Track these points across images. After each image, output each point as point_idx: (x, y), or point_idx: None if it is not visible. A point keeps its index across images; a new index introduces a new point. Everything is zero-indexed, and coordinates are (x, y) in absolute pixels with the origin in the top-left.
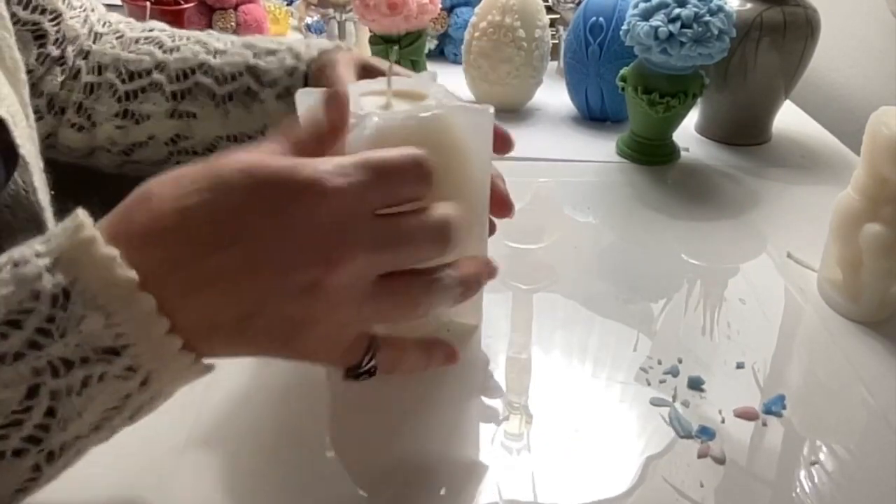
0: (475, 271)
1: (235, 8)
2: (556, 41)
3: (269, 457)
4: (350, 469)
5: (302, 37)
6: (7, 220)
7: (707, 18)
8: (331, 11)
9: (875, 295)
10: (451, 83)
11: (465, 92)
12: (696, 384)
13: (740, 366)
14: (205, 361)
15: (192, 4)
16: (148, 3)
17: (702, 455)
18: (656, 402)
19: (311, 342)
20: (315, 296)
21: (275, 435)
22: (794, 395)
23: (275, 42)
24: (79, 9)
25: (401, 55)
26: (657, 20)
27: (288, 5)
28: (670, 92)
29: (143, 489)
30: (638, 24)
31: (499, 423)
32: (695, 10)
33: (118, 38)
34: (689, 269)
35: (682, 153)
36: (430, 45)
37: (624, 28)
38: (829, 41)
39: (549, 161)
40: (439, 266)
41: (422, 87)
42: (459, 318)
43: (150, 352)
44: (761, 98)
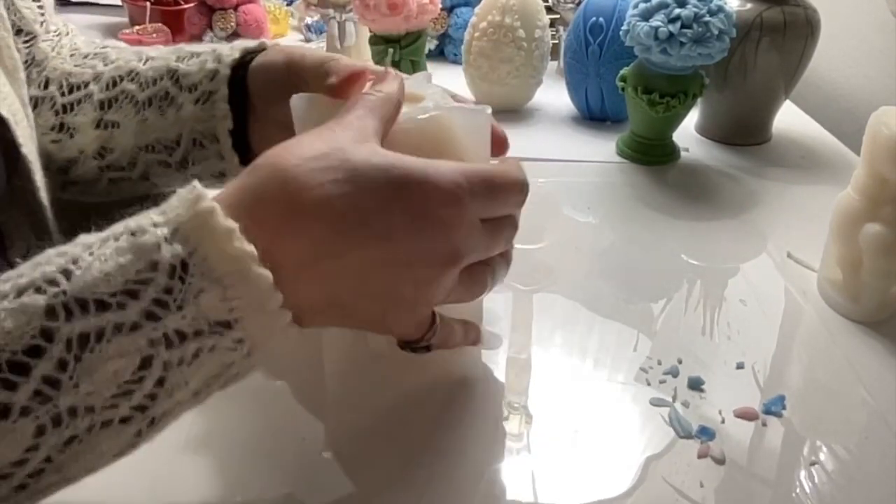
0: (509, 260)
1: (235, 8)
2: (556, 41)
3: (268, 456)
4: (349, 469)
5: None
6: (6, 219)
7: (707, 18)
8: (331, 11)
9: (875, 295)
10: (451, 83)
11: (465, 92)
12: (696, 384)
13: (740, 366)
14: (299, 336)
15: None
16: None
17: (702, 455)
18: (656, 403)
19: (401, 321)
20: (425, 287)
21: (275, 436)
22: (794, 395)
23: (203, 46)
24: (52, 33)
25: (401, 55)
26: (657, 20)
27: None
28: (670, 92)
29: (143, 488)
30: (638, 24)
31: (499, 424)
32: (695, 10)
33: (71, 55)
34: (689, 269)
35: (682, 153)
36: (430, 45)
37: (624, 28)
38: (829, 41)
39: (549, 161)
40: (496, 256)
41: (418, 88)
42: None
43: (260, 325)
44: (761, 98)
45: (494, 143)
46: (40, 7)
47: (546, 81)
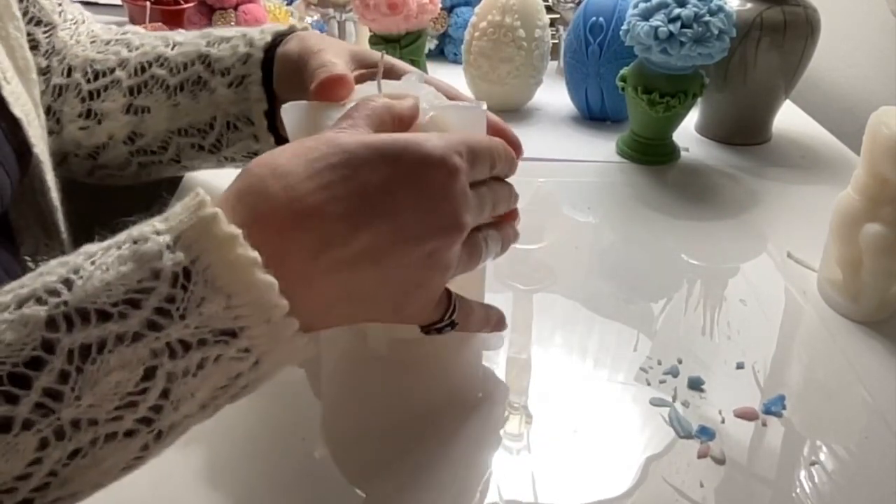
0: (509, 231)
1: (235, 8)
2: (556, 41)
3: (268, 456)
4: (348, 469)
5: None
6: (17, 216)
7: (707, 18)
8: (331, 11)
9: (875, 295)
10: (451, 83)
11: (465, 92)
12: (696, 384)
13: (740, 366)
14: (310, 345)
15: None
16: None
17: (702, 455)
18: (656, 402)
19: (417, 305)
20: (437, 260)
21: (275, 436)
22: (794, 395)
23: (232, 30)
24: (70, 21)
25: (401, 55)
26: (657, 20)
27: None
28: (670, 92)
29: (143, 488)
30: (638, 23)
31: (499, 424)
32: (695, 9)
33: (92, 41)
34: (689, 269)
35: (682, 153)
36: (430, 44)
37: (624, 28)
38: (829, 41)
39: (549, 161)
40: (485, 225)
41: (411, 89)
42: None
43: (266, 334)
44: (761, 98)
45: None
46: None
47: (546, 81)
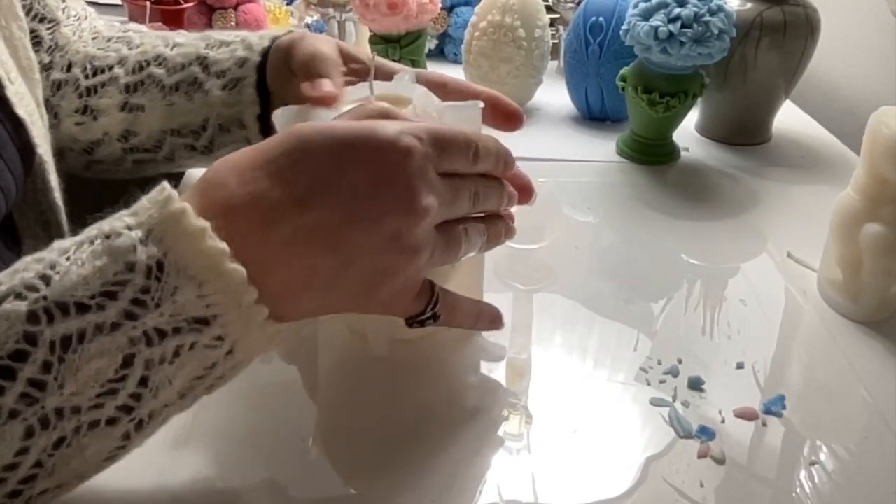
0: (497, 226)
1: (235, 8)
2: (556, 41)
3: (268, 456)
4: (348, 469)
5: None
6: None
7: (707, 18)
8: (331, 11)
9: (875, 295)
10: None
11: None
12: (696, 384)
13: (740, 366)
14: (283, 334)
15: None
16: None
17: (702, 455)
18: (656, 402)
19: (391, 294)
20: (400, 243)
21: (275, 436)
22: (794, 395)
23: (233, 34)
24: (73, 17)
25: (401, 55)
26: (657, 20)
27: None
28: (670, 92)
29: (143, 488)
30: (638, 23)
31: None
32: (695, 9)
33: (94, 38)
34: (689, 269)
35: (682, 153)
36: (430, 44)
37: (624, 28)
38: (829, 41)
39: (549, 161)
40: (469, 217)
41: (404, 90)
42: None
43: (237, 321)
44: (761, 98)
45: (507, 116)
46: None
47: (546, 81)
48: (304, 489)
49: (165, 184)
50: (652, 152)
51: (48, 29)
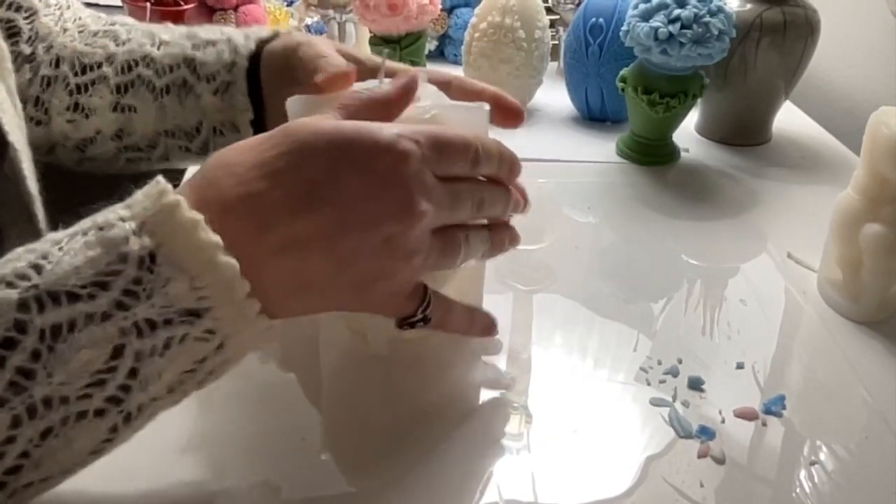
0: (501, 234)
1: (235, 9)
2: (556, 42)
3: (270, 458)
4: (348, 469)
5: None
6: None
7: (707, 19)
8: (331, 12)
9: (875, 295)
10: None
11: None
12: (696, 384)
13: (740, 366)
14: (274, 331)
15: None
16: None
17: (702, 455)
18: (656, 402)
19: (383, 295)
20: (395, 248)
21: (275, 436)
22: (794, 395)
23: (217, 31)
24: (54, 6)
25: (401, 56)
26: (657, 21)
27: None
28: (670, 92)
29: (142, 488)
30: (638, 24)
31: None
32: (694, 10)
33: (80, 31)
34: (689, 269)
35: (682, 153)
36: (430, 45)
37: (624, 29)
38: (829, 41)
39: (549, 161)
40: (473, 223)
41: None
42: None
43: (229, 315)
44: (761, 98)
45: (508, 114)
46: None
47: (546, 82)
48: (303, 488)
49: (160, 178)
50: (652, 153)
51: (26, 19)
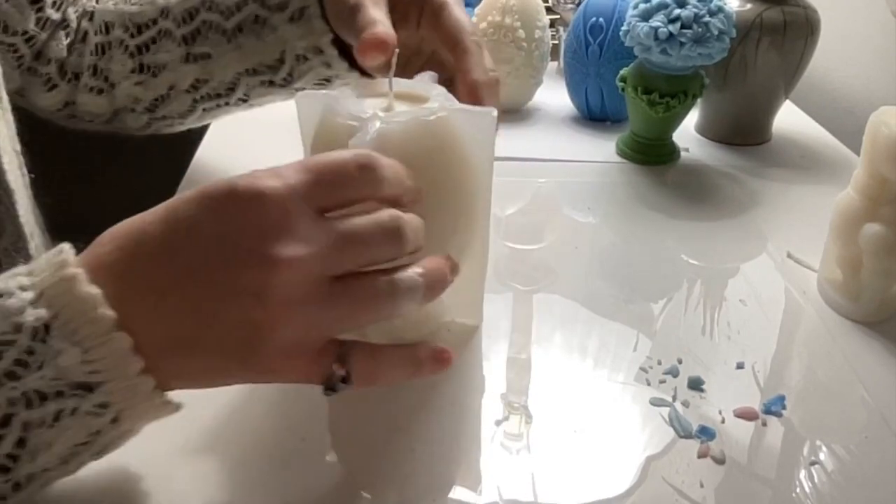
0: (437, 267)
1: None
2: (556, 41)
3: (270, 458)
4: (351, 470)
5: None
6: None
7: (707, 19)
8: None
9: (875, 295)
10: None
11: None
12: (696, 384)
13: (740, 366)
14: (174, 401)
15: None
16: None
17: (702, 455)
18: (656, 402)
19: (272, 353)
20: (265, 297)
21: (275, 436)
22: (794, 395)
23: None
24: None
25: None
26: (657, 21)
27: None
28: (670, 92)
29: (142, 489)
30: (638, 24)
31: (499, 424)
32: (694, 10)
33: None
34: (689, 269)
35: (682, 153)
36: None
37: (624, 28)
38: (829, 41)
39: (549, 161)
40: (400, 266)
41: (422, 89)
42: (460, 319)
43: (123, 390)
44: (761, 98)
45: (472, 91)
46: None
47: (546, 81)
48: (303, 488)
49: (64, 246)
50: (652, 152)
51: None
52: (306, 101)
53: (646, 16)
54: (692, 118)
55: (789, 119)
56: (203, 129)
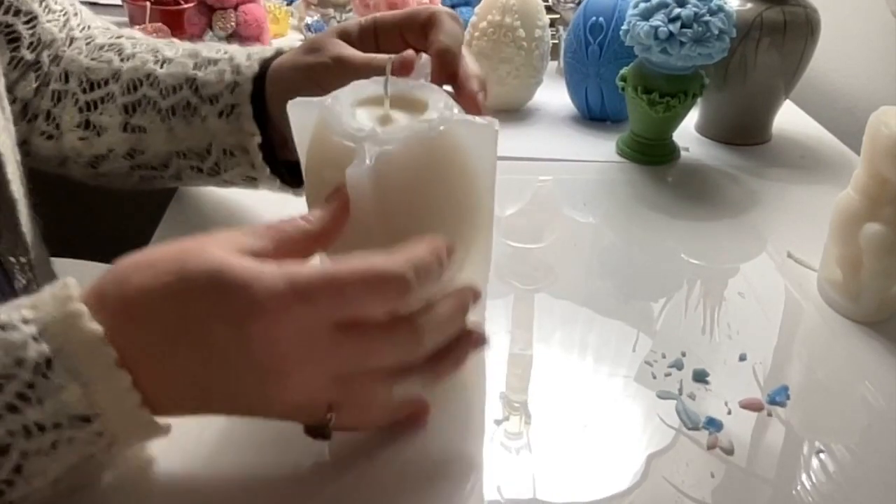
0: (447, 352)
1: (235, 8)
2: (556, 41)
3: (268, 456)
4: (347, 468)
5: (301, 36)
6: None
7: (707, 18)
8: (331, 11)
9: (875, 295)
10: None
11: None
12: (700, 376)
13: (742, 357)
14: (165, 424)
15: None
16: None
17: (711, 446)
18: (663, 396)
19: (279, 411)
20: (269, 402)
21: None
22: (794, 395)
23: (219, 50)
24: (58, 12)
25: None
26: (657, 20)
27: (288, 5)
28: (670, 92)
29: (142, 488)
30: (638, 23)
31: (499, 423)
32: (695, 9)
33: (87, 43)
34: (689, 269)
35: (682, 153)
36: None
37: (624, 28)
38: (829, 41)
39: (549, 161)
40: (407, 365)
41: (421, 93)
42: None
43: (119, 422)
44: (761, 98)
45: (471, 102)
46: None
47: (546, 81)
48: (304, 487)
49: (69, 280)
50: (652, 152)
51: (25, 24)
52: (298, 110)
53: (646, 15)
54: (692, 118)
55: (789, 119)
56: None
